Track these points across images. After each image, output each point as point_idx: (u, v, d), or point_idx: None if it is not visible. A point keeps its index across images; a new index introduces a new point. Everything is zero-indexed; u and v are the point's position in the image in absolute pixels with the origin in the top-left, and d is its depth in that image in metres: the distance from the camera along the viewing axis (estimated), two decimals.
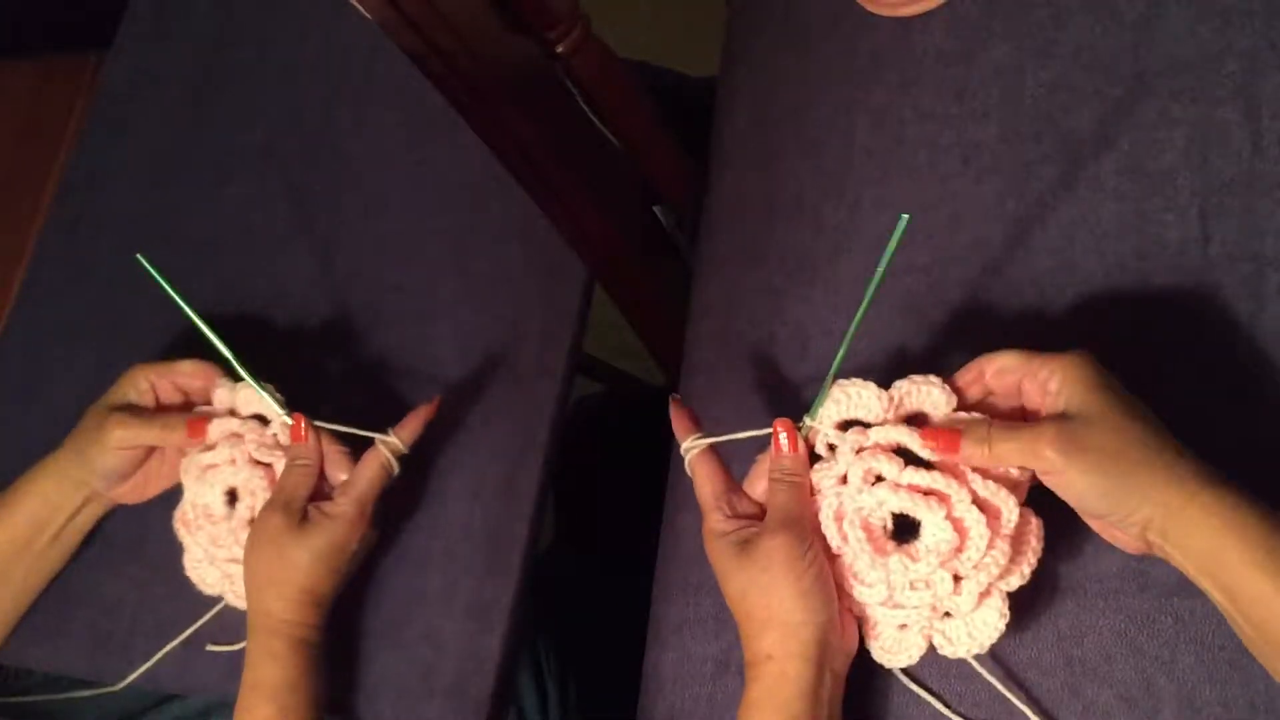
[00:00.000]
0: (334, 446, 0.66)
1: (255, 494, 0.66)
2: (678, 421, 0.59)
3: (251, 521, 0.65)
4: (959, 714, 0.55)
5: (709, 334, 0.70)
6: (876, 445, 0.54)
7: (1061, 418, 0.48)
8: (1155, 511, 0.47)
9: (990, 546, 0.51)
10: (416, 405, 0.68)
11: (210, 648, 0.70)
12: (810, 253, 0.68)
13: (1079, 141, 0.63)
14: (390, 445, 0.64)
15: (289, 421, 0.66)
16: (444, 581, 0.69)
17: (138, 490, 0.72)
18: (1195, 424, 0.52)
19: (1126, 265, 0.60)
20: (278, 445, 0.67)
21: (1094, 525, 0.52)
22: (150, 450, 0.70)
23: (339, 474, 0.66)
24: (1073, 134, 0.63)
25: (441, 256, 0.78)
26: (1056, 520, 0.55)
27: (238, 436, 0.67)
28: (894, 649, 0.54)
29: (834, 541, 0.54)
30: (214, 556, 0.67)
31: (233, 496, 0.68)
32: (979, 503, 0.52)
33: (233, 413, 0.69)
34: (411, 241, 0.79)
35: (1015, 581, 0.52)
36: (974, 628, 0.52)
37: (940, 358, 0.62)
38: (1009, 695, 0.54)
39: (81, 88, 1.02)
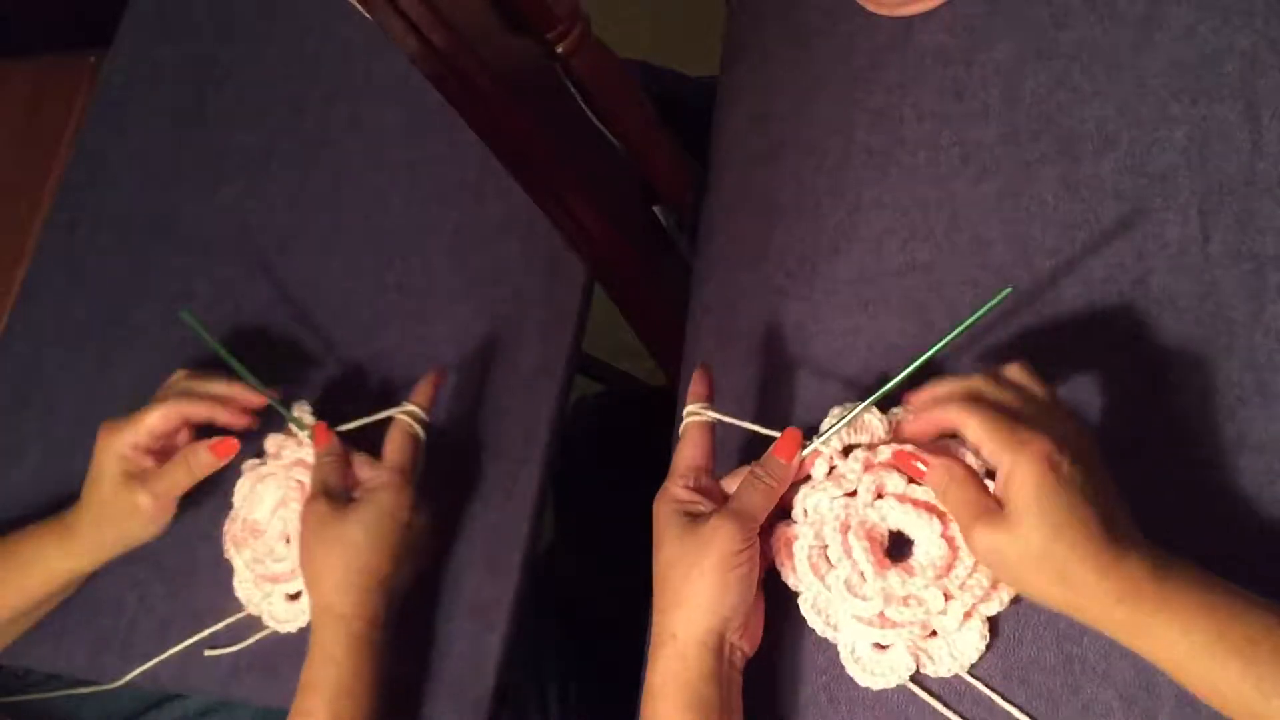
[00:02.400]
0: (358, 453, 0.67)
1: (289, 505, 0.67)
2: (695, 386, 0.59)
3: (287, 536, 0.67)
4: (959, 714, 0.55)
5: (709, 334, 0.70)
6: (884, 462, 0.55)
7: (999, 520, 0.48)
8: (1076, 615, 0.48)
9: (975, 568, 0.53)
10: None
11: (209, 653, 0.70)
12: (810, 253, 0.68)
13: (1079, 141, 0.63)
14: (409, 412, 0.65)
15: (306, 438, 0.68)
16: (444, 581, 0.69)
17: (158, 529, 0.71)
18: (1195, 424, 0.52)
19: (1126, 265, 0.60)
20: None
21: None
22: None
23: (368, 473, 0.66)
24: (1073, 134, 0.63)
25: (441, 255, 0.78)
26: None
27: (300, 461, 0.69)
28: (877, 670, 0.55)
29: (834, 553, 0.55)
30: (255, 574, 0.68)
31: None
32: None
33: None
34: (411, 241, 0.79)
35: (995, 606, 0.53)
36: (955, 648, 0.54)
37: (939, 358, 0.62)
38: (1006, 705, 0.54)
39: (81, 88, 1.02)
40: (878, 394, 0.55)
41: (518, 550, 0.69)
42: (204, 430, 0.70)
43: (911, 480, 0.55)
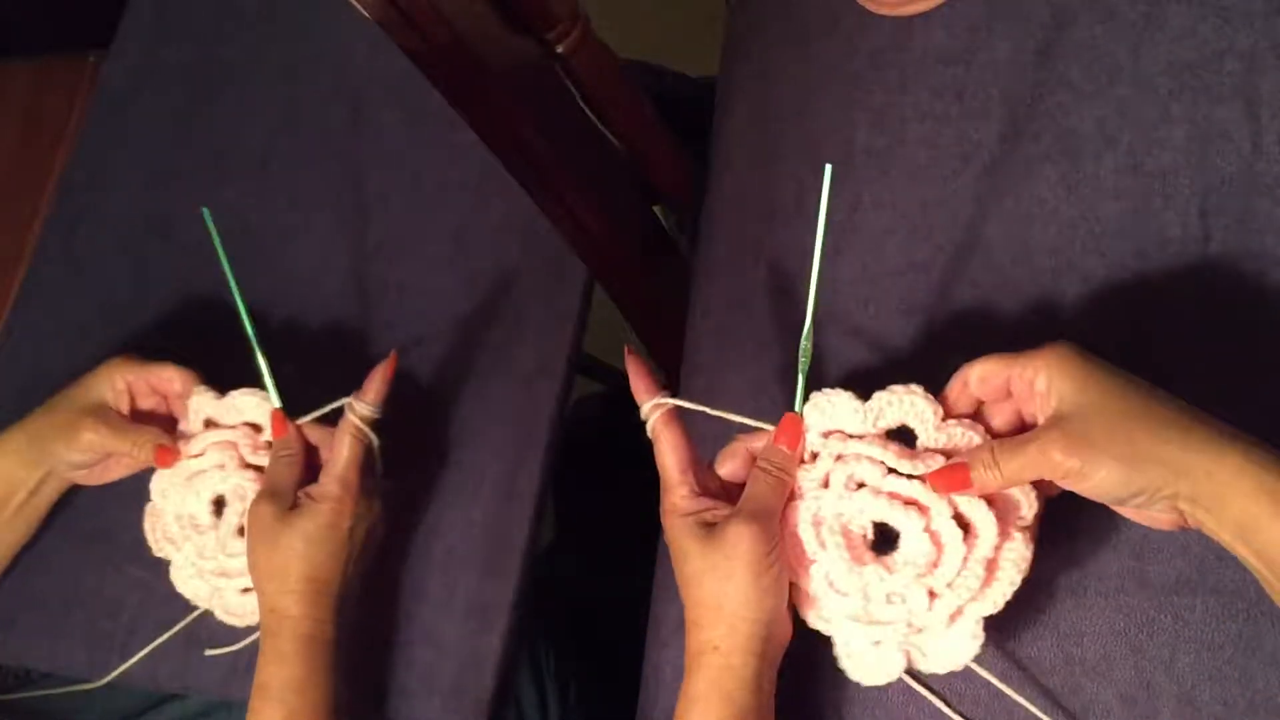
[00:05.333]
0: (325, 431, 0.66)
1: (245, 498, 0.65)
2: (637, 380, 0.56)
3: (242, 529, 0.65)
4: (959, 713, 0.55)
5: (709, 334, 0.70)
6: (856, 455, 0.53)
7: (1061, 419, 0.47)
8: (1181, 484, 0.45)
9: (964, 566, 0.50)
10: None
11: (209, 653, 0.70)
12: (810, 253, 0.68)
13: (1079, 141, 0.63)
14: (357, 412, 0.63)
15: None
16: (444, 581, 0.69)
17: (97, 476, 0.71)
18: None
19: (1126, 265, 0.60)
20: (268, 449, 0.67)
21: (1127, 512, 0.50)
22: None
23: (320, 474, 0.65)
24: (1073, 134, 0.63)
25: (441, 256, 0.78)
26: (1055, 520, 0.55)
27: (230, 443, 0.67)
28: (871, 666, 0.53)
29: (810, 547, 0.53)
30: (201, 569, 0.67)
31: (219, 505, 0.67)
32: (959, 518, 0.51)
33: (210, 422, 0.68)
34: (411, 241, 0.79)
35: (987, 608, 0.51)
36: (949, 645, 0.52)
37: (939, 357, 0.62)
38: (1011, 693, 0.54)
39: (81, 88, 1.02)
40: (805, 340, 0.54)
41: (518, 550, 0.69)
42: None
43: (892, 472, 0.52)
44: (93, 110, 0.94)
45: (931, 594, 0.51)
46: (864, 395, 0.54)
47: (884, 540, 0.54)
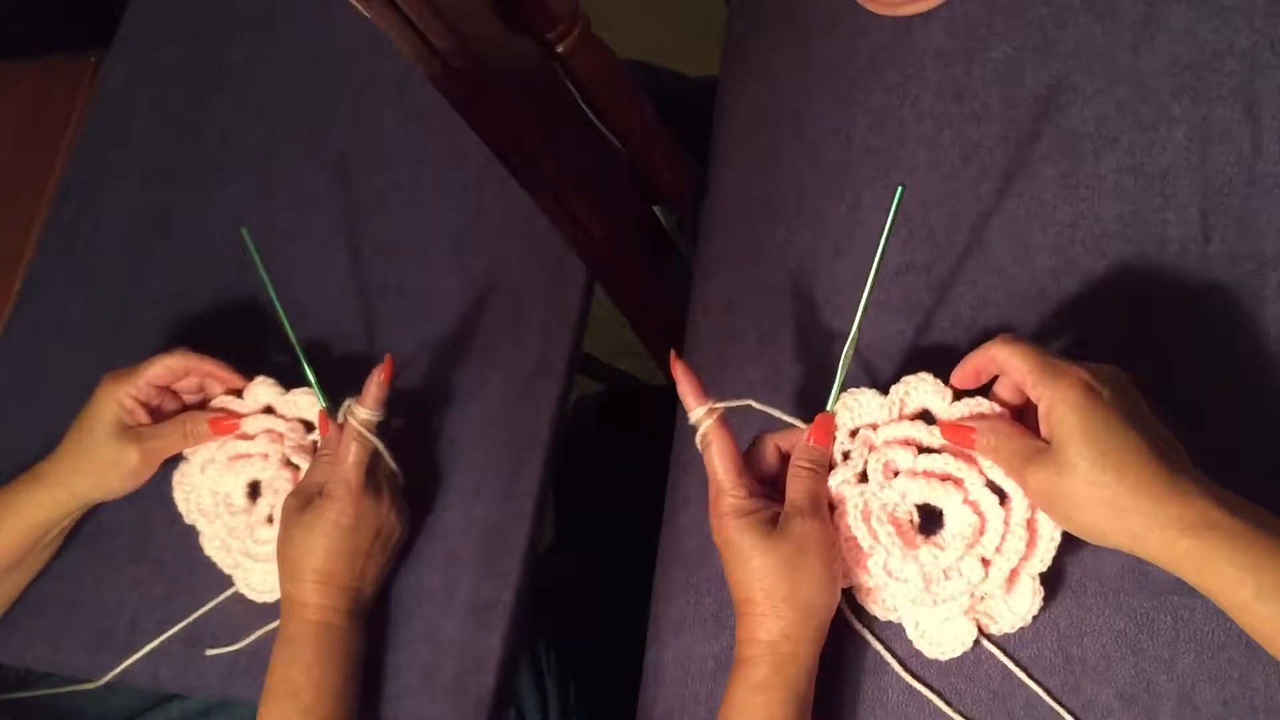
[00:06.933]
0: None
1: (278, 492, 0.68)
2: (685, 387, 0.57)
3: (271, 518, 0.68)
4: (959, 712, 0.55)
5: (709, 334, 0.70)
6: (888, 440, 0.56)
7: (1059, 458, 0.48)
8: (1137, 550, 0.47)
9: (1007, 529, 0.53)
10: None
11: (209, 652, 0.70)
12: (810, 253, 0.68)
13: (1079, 141, 0.63)
14: (356, 416, 0.65)
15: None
16: (444, 581, 0.69)
17: (127, 490, 0.72)
18: (1194, 424, 0.52)
19: (1126, 265, 0.60)
20: (313, 449, 0.69)
21: None
22: None
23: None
24: (1073, 134, 0.63)
25: (441, 255, 0.78)
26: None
27: (278, 435, 0.70)
28: (945, 640, 0.55)
29: (865, 541, 0.55)
30: (229, 546, 0.69)
31: (254, 489, 0.70)
32: (992, 485, 0.54)
33: (270, 409, 0.71)
34: (411, 241, 0.79)
35: (1037, 566, 0.53)
36: (1013, 604, 0.54)
37: (940, 357, 0.62)
38: (1020, 674, 0.54)
39: (81, 88, 1.02)
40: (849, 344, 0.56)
41: (518, 550, 0.69)
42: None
43: (924, 451, 0.55)
44: (93, 110, 0.94)
45: (985, 562, 0.53)
46: None
47: (929, 522, 0.56)
